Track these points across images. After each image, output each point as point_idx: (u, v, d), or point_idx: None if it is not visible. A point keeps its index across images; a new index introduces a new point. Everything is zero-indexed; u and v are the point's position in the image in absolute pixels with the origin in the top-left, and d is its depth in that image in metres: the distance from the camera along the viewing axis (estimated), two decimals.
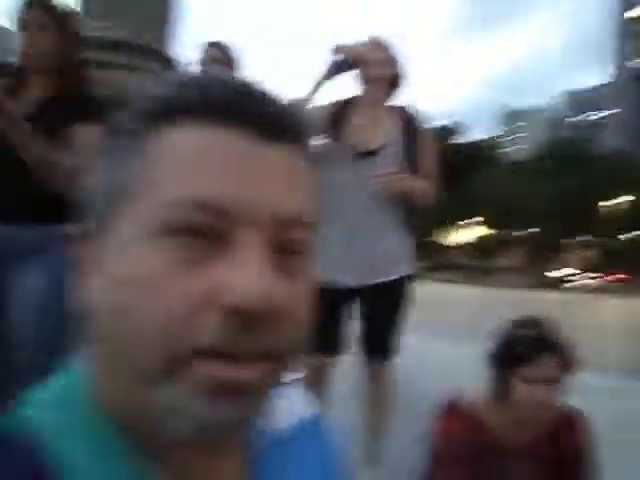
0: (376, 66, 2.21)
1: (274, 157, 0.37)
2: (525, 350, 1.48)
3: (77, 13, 1.86)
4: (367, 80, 2.25)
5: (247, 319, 0.34)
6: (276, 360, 0.37)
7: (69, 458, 0.36)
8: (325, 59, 2.19)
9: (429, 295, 10.82)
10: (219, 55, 2.59)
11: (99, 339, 0.38)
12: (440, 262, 52.48)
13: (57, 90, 1.85)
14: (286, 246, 0.37)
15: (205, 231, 0.35)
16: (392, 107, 2.31)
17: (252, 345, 0.35)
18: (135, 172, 0.37)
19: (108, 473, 0.37)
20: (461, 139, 61.11)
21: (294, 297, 0.37)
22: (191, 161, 0.36)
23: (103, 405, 0.39)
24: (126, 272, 0.36)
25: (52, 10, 1.84)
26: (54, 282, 1.73)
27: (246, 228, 0.35)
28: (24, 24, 1.82)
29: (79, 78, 1.91)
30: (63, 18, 1.86)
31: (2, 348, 1.73)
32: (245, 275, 0.34)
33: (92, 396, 0.39)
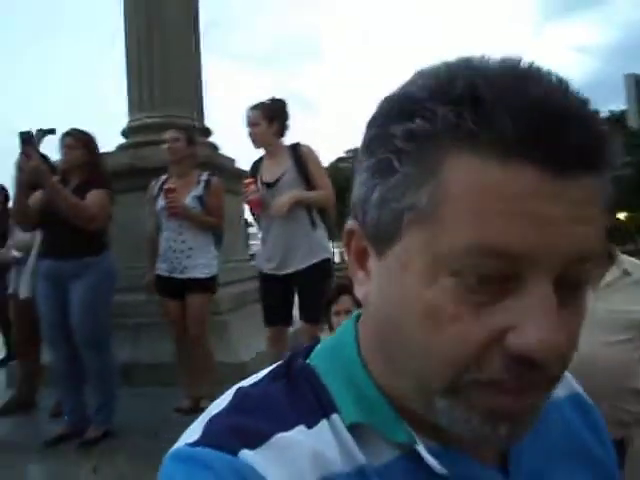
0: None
1: (572, 194, 0.34)
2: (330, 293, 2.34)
3: (92, 135, 3.32)
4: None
5: (530, 364, 0.34)
6: (548, 387, 0.38)
7: (336, 395, 0.43)
8: None
9: None
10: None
11: (377, 329, 0.42)
12: None
13: (82, 179, 3.22)
14: (571, 281, 0.36)
15: (493, 276, 0.34)
16: (287, 146, 3.30)
17: (529, 381, 0.35)
18: (422, 199, 0.35)
19: (365, 414, 0.41)
20: None
21: (572, 334, 0.37)
22: (482, 202, 0.33)
23: (369, 369, 0.43)
24: (407, 295, 0.37)
25: (77, 136, 3.23)
26: (91, 295, 3.09)
27: (536, 271, 0.34)
28: (62, 145, 3.25)
29: (95, 171, 3.28)
30: (85, 140, 3.23)
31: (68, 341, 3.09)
32: (535, 324, 0.34)
33: (356, 358, 0.44)
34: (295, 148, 3.27)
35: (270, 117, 3.24)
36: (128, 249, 4.18)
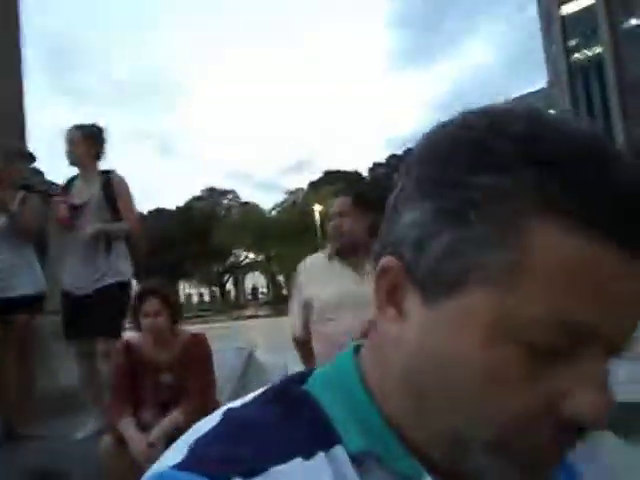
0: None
1: (637, 271, 0.35)
2: (136, 296, 2.54)
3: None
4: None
5: (579, 428, 0.35)
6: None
7: (339, 425, 0.41)
8: None
9: None
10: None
11: (409, 374, 0.39)
12: None
13: None
14: (621, 348, 0.37)
15: (561, 346, 0.35)
16: (99, 171, 3.50)
17: (570, 442, 0.37)
18: (498, 261, 0.35)
19: (371, 443, 0.40)
20: None
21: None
22: (565, 278, 0.34)
23: (376, 403, 0.42)
24: (465, 352, 0.36)
25: None
26: None
27: (598, 344, 0.35)
28: None
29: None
30: None
31: None
32: (591, 394, 0.35)
33: (362, 390, 0.42)
34: (107, 175, 3.46)
35: (90, 139, 3.43)
36: None
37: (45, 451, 3.03)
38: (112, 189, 3.37)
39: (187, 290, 64.61)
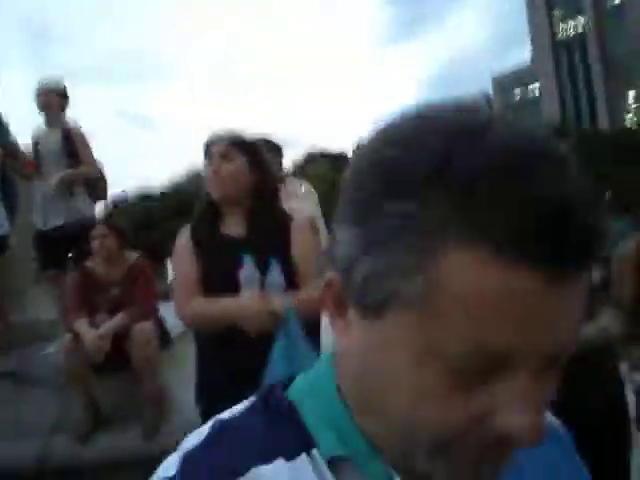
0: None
1: (565, 293, 0.35)
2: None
3: None
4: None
5: (507, 443, 0.37)
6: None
7: (316, 431, 0.43)
8: None
9: None
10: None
11: (358, 386, 0.42)
12: None
13: None
14: (551, 361, 0.37)
15: (483, 368, 0.36)
16: (63, 123, 4.00)
17: (509, 449, 0.38)
18: (415, 289, 0.36)
19: (344, 448, 0.42)
20: None
21: (546, 403, 0.38)
22: (480, 302, 0.34)
23: (350, 408, 0.44)
24: (395, 370, 0.38)
25: None
26: None
27: (522, 364, 0.36)
28: None
29: None
30: None
31: None
32: (516, 411, 0.36)
33: (336, 399, 0.44)
34: (67, 127, 3.98)
35: (58, 89, 3.99)
36: None
37: (16, 362, 3.55)
38: (71, 138, 3.88)
39: None
